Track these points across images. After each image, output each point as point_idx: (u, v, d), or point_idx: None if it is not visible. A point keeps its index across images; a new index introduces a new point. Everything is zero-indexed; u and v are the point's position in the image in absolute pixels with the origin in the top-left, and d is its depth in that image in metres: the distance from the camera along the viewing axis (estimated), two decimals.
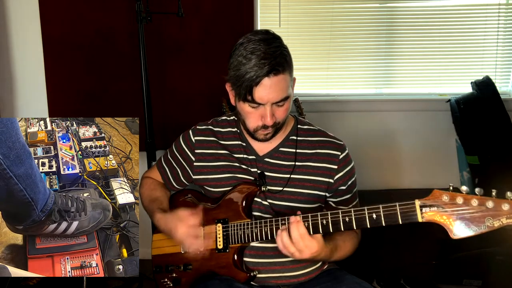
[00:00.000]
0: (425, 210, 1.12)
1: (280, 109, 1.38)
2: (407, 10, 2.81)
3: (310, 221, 1.27)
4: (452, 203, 1.10)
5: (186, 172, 1.60)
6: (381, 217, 1.18)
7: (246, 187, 1.46)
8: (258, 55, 1.31)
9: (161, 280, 1.55)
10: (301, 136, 1.53)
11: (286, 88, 1.36)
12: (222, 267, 1.43)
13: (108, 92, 2.67)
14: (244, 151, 1.52)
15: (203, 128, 1.59)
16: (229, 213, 1.46)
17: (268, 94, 1.33)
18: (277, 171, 1.48)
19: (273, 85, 1.32)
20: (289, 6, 2.76)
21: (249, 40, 1.34)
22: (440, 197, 1.11)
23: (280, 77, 1.33)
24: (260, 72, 1.30)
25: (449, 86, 2.87)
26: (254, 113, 1.39)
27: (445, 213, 1.10)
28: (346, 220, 1.23)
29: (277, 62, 1.31)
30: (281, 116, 1.40)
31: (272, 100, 1.35)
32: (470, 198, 1.08)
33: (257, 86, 1.32)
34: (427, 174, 2.83)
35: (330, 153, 1.49)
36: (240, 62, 1.33)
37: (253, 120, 1.40)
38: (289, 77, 1.36)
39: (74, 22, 2.61)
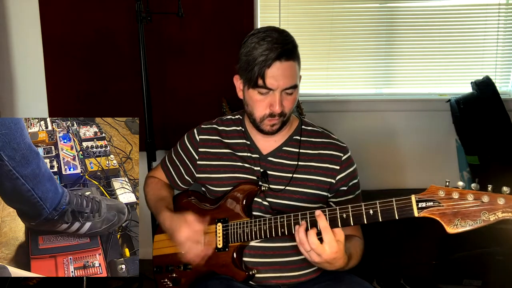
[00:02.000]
0: (421, 205, 1.12)
1: (289, 97, 1.40)
2: (407, 10, 2.81)
3: (308, 218, 1.27)
4: (448, 198, 1.10)
5: (190, 171, 1.61)
6: (377, 212, 1.18)
7: (246, 187, 1.47)
8: (270, 41, 1.35)
9: (161, 280, 1.56)
10: (305, 136, 1.54)
11: (296, 76, 1.39)
12: (222, 266, 1.44)
13: (108, 92, 2.67)
14: (248, 149, 1.53)
15: (208, 127, 1.60)
16: (229, 212, 1.46)
17: (279, 79, 1.35)
18: (280, 170, 1.49)
19: (285, 70, 1.35)
20: (289, 6, 2.77)
21: (260, 31, 1.39)
22: (436, 192, 1.11)
23: (291, 63, 1.36)
24: (272, 55, 1.33)
25: (449, 86, 2.88)
26: (262, 101, 1.40)
27: (441, 208, 1.10)
28: (344, 216, 1.22)
29: (289, 49, 1.35)
30: (288, 106, 1.42)
31: (282, 85, 1.36)
32: (466, 193, 1.08)
33: (269, 68, 1.34)
34: (427, 174, 2.83)
35: (333, 154, 1.50)
36: (253, 47, 1.36)
37: (261, 108, 1.41)
38: (298, 67, 1.39)
39: (74, 22, 2.61)
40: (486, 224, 1.06)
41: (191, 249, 1.41)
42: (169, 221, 1.48)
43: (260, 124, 1.45)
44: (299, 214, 1.30)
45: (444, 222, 1.09)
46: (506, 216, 1.04)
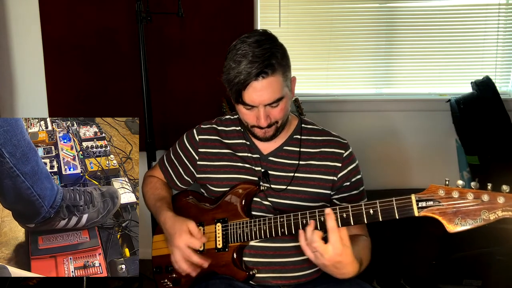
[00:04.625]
0: (421, 205, 1.12)
1: (275, 109, 1.39)
2: (407, 10, 2.81)
3: (309, 218, 1.27)
4: (448, 197, 1.10)
5: (189, 171, 1.61)
6: (378, 212, 1.18)
7: (245, 186, 1.46)
8: (247, 59, 1.31)
9: (161, 281, 1.56)
10: (305, 135, 1.54)
11: (279, 89, 1.35)
12: (222, 266, 1.44)
13: (108, 92, 2.67)
14: (248, 149, 1.53)
15: (207, 127, 1.60)
16: (229, 212, 1.46)
17: (259, 97, 1.34)
18: (281, 169, 1.49)
19: (263, 88, 1.33)
20: (289, 6, 2.77)
21: (242, 42, 1.35)
22: (436, 191, 1.12)
23: (270, 79, 1.33)
24: (247, 76, 1.31)
25: (449, 86, 2.88)
26: (249, 114, 1.40)
27: (441, 207, 1.10)
28: (344, 216, 1.22)
29: (266, 65, 1.31)
30: (277, 116, 1.40)
31: (263, 102, 1.35)
32: (465, 192, 1.08)
33: (245, 90, 1.33)
34: (427, 174, 2.83)
35: (334, 152, 1.50)
36: (230, 66, 1.35)
37: (250, 120, 1.42)
38: (281, 77, 1.35)
39: (74, 22, 2.61)
40: (486, 223, 1.06)
41: (180, 262, 1.40)
42: (171, 222, 1.46)
43: (253, 131, 1.45)
44: (298, 214, 1.30)
45: (445, 221, 1.10)
46: (506, 214, 1.05)
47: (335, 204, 1.50)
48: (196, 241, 1.38)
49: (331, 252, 1.17)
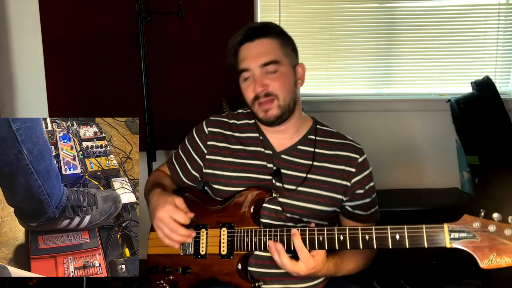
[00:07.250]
0: (454, 236, 1.06)
1: (272, 76, 1.37)
2: (407, 10, 2.81)
3: (326, 236, 1.19)
4: (483, 231, 1.03)
5: (197, 165, 1.52)
6: (405, 238, 1.11)
7: (256, 191, 1.37)
8: (244, 29, 1.41)
9: (157, 282, 1.44)
10: (320, 136, 1.48)
11: (274, 52, 1.38)
12: (225, 274, 1.34)
13: (108, 92, 2.67)
14: (261, 144, 1.46)
15: (218, 119, 1.53)
16: (236, 217, 1.36)
17: (251, 58, 1.37)
18: (293, 169, 1.42)
19: (256, 48, 1.37)
20: (289, 6, 2.77)
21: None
22: (471, 223, 1.04)
23: (263, 40, 1.37)
24: (243, 37, 1.38)
25: (449, 86, 2.88)
26: (248, 87, 1.40)
27: (476, 241, 1.03)
28: (366, 238, 1.14)
29: (262, 30, 1.39)
30: (274, 85, 1.37)
31: (257, 62, 1.36)
32: (503, 227, 1.01)
33: (240, 51, 1.38)
34: (427, 174, 2.82)
35: (349, 156, 1.44)
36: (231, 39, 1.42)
37: (249, 94, 1.40)
38: (278, 44, 1.39)
39: (74, 22, 2.61)
40: None
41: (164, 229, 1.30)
42: (157, 197, 1.36)
43: (256, 112, 1.41)
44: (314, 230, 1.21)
45: (478, 256, 1.03)
46: None
47: (347, 210, 1.44)
48: (182, 215, 1.28)
49: (305, 268, 1.20)
